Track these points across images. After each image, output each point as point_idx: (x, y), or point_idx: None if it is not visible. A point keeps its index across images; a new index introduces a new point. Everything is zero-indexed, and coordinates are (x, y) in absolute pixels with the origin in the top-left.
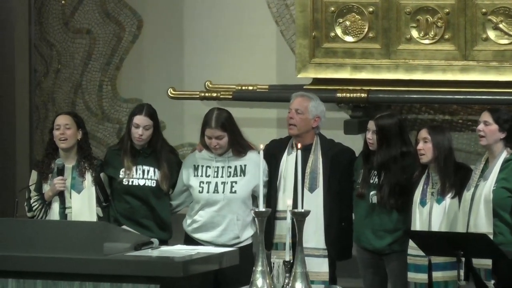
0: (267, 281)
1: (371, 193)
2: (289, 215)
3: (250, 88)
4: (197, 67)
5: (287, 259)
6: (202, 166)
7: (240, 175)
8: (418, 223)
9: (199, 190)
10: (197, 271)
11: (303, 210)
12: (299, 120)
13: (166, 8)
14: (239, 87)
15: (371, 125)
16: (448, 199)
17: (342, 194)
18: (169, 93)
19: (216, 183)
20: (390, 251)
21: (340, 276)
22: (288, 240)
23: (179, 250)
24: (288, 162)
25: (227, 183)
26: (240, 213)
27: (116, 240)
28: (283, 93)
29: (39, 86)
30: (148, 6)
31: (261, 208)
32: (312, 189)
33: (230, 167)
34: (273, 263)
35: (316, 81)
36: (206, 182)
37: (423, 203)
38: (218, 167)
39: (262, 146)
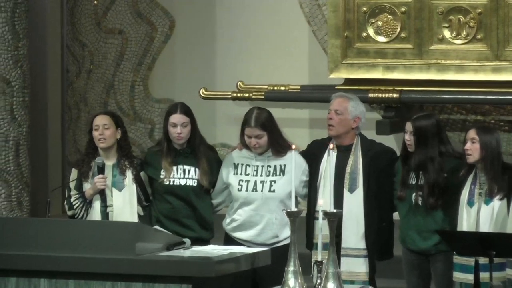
0: (299, 281)
1: (413, 194)
2: (321, 215)
3: (282, 88)
4: (229, 67)
5: (319, 259)
6: (242, 164)
7: (280, 175)
8: (465, 224)
9: (238, 188)
10: (229, 271)
11: (335, 210)
12: (338, 121)
13: (198, 8)
14: (271, 87)
15: (408, 126)
16: (496, 200)
17: (382, 194)
18: (201, 94)
19: (255, 181)
20: (436, 251)
21: (379, 276)
22: (320, 240)
23: (211, 250)
24: (328, 162)
25: (266, 182)
26: (278, 212)
27: (148, 240)
28: (315, 93)
29: (71, 86)
30: (180, 6)
31: (293, 208)
32: (352, 190)
33: (269, 166)
34: (313, 263)
35: (348, 81)
36: (245, 181)
37: (470, 203)
38: (257, 166)
39: (294, 147)
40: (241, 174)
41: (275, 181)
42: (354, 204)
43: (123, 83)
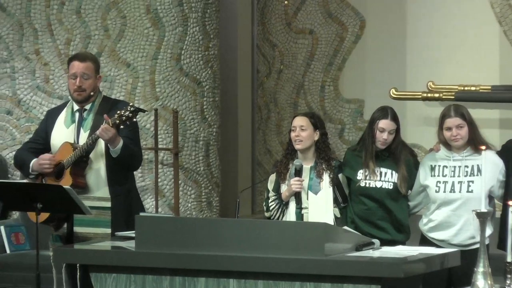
0: (489, 282)
1: None
2: (511, 216)
3: (473, 88)
4: (419, 67)
5: (509, 260)
6: (439, 166)
7: (477, 175)
8: None
9: (436, 190)
10: (418, 271)
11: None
12: None
13: (388, 8)
14: (462, 88)
15: None
16: None
17: None
18: (391, 94)
19: (453, 182)
20: None
21: None
22: (510, 241)
23: (400, 250)
24: None
25: (463, 183)
26: None
27: (337, 240)
28: (506, 94)
29: (261, 86)
30: (370, 6)
31: (483, 209)
32: None
33: (466, 166)
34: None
35: None
36: (443, 182)
37: None
38: (454, 167)
39: (484, 147)
40: (438, 175)
41: (473, 181)
42: None
43: (313, 83)
